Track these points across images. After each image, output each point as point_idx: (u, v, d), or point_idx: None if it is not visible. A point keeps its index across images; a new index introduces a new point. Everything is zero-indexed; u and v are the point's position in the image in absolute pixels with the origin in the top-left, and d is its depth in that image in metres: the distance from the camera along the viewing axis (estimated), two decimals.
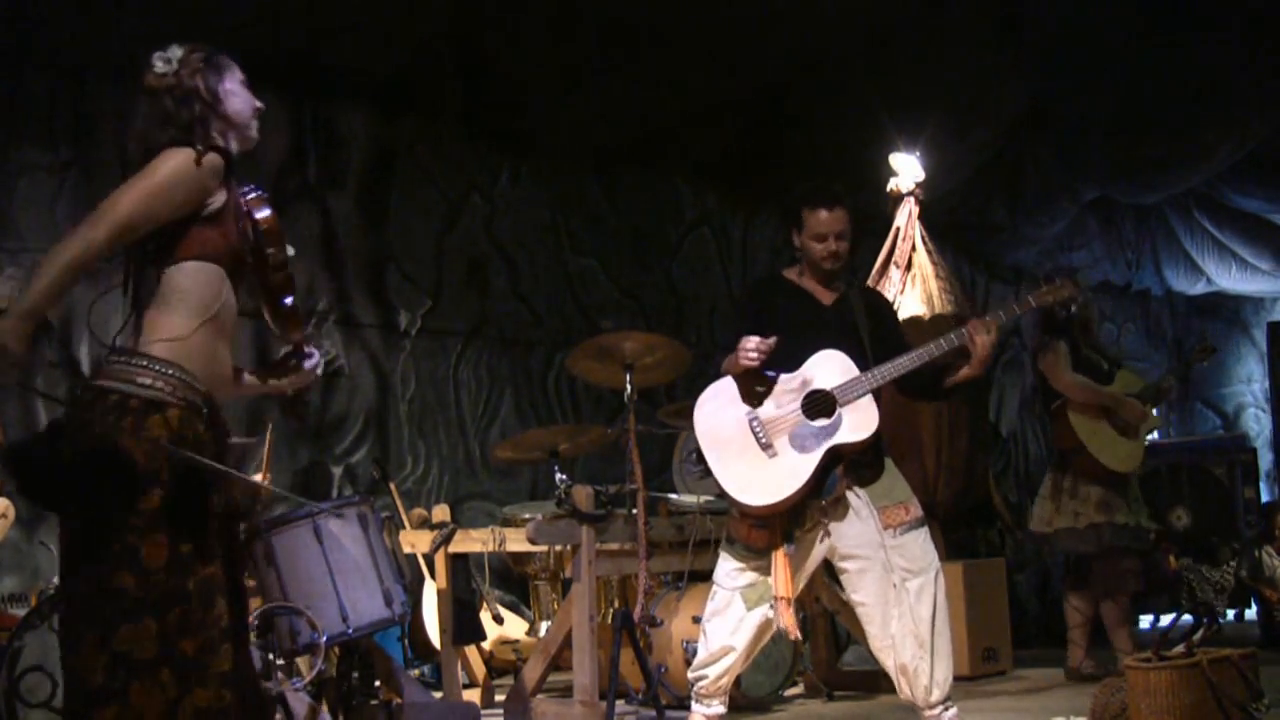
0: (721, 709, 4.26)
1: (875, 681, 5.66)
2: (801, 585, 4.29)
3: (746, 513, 4.06)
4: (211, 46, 2.83)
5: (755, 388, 4.07)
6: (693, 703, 4.28)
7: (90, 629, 2.50)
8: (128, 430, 2.54)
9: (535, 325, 7.95)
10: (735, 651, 4.15)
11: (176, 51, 2.77)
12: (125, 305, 2.75)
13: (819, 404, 4.04)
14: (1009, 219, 9.77)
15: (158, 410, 2.57)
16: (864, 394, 4.03)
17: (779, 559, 4.05)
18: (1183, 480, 8.16)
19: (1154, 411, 6.19)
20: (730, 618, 4.14)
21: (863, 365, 4.09)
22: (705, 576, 5.36)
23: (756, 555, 4.10)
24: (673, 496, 5.71)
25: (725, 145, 8.35)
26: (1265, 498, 10.04)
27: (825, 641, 6.04)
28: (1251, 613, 7.82)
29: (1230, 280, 11.79)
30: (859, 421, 4.02)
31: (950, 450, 6.58)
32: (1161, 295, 12.30)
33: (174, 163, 2.63)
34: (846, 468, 4.07)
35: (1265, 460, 12.09)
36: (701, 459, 4.10)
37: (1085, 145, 9.12)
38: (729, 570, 4.17)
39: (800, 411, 4.03)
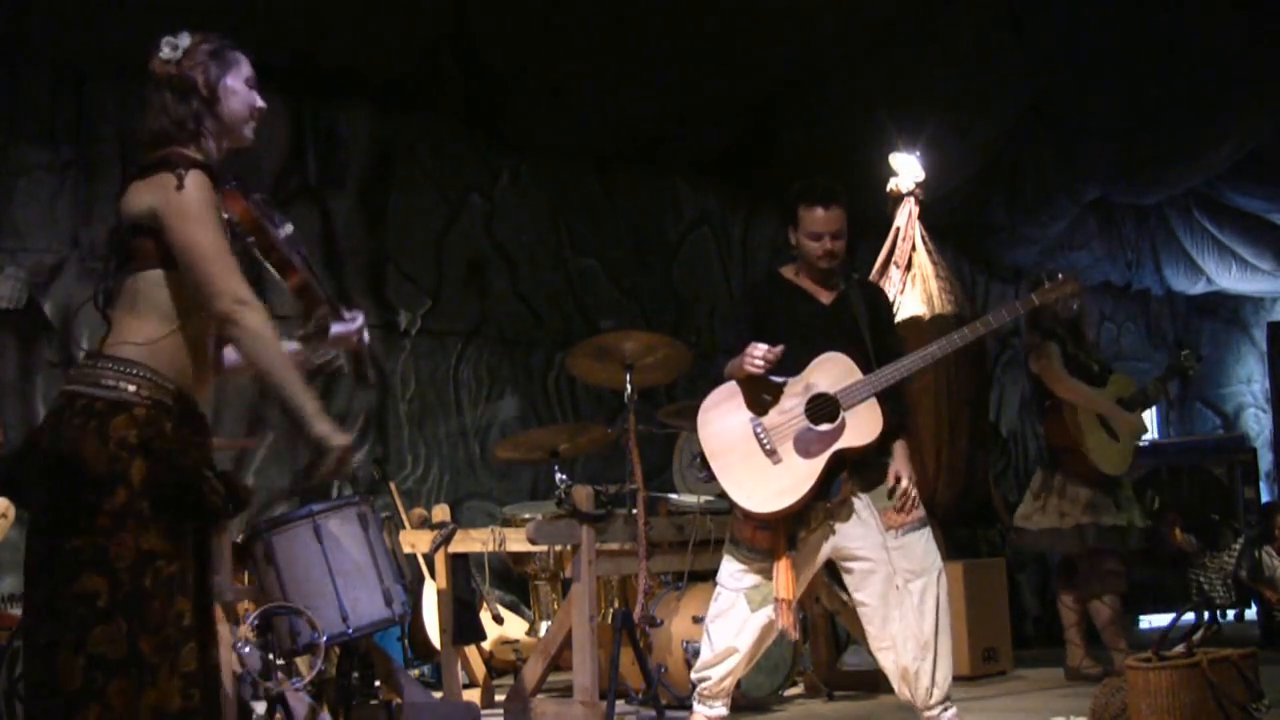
0: (724, 710, 4.26)
1: (875, 681, 5.65)
2: (804, 587, 4.29)
3: (750, 516, 4.06)
4: (224, 38, 2.81)
5: (762, 395, 4.06)
6: (695, 703, 4.28)
7: (65, 633, 2.50)
8: (93, 432, 2.55)
9: (535, 325, 7.94)
10: (739, 653, 4.15)
11: (185, 40, 2.75)
12: (99, 313, 2.74)
13: (822, 408, 4.02)
14: (1009, 219, 9.77)
15: (123, 410, 2.57)
16: (867, 397, 4.02)
17: (781, 562, 4.05)
18: (1183, 480, 8.16)
19: (1141, 418, 6.20)
20: (734, 619, 4.13)
21: (865, 365, 4.08)
22: (705, 576, 5.36)
23: (761, 556, 4.09)
24: (673, 496, 5.70)
25: (725, 145, 8.35)
26: (1265, 498, 10.05)
27: (825, 641, 6.03)
28: (1251, 613, 7.82)
29: (1230, 280, 11.79)
30: (863, 425, 4.01)
31: (950, 450, 6.58)
32: (1161, 295, 12.30)
33: (187, 198, 2.60)
34: (851, 471, 4.07)
35: (1265, 460, 12.08)
36: (706, 464, 4.10)
37: (1085, 145, 9.12)
38: (733, 572, 4.17)
39: (804, 416, 4.02)
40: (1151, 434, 11.23)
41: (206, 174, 2.66)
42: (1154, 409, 11.45)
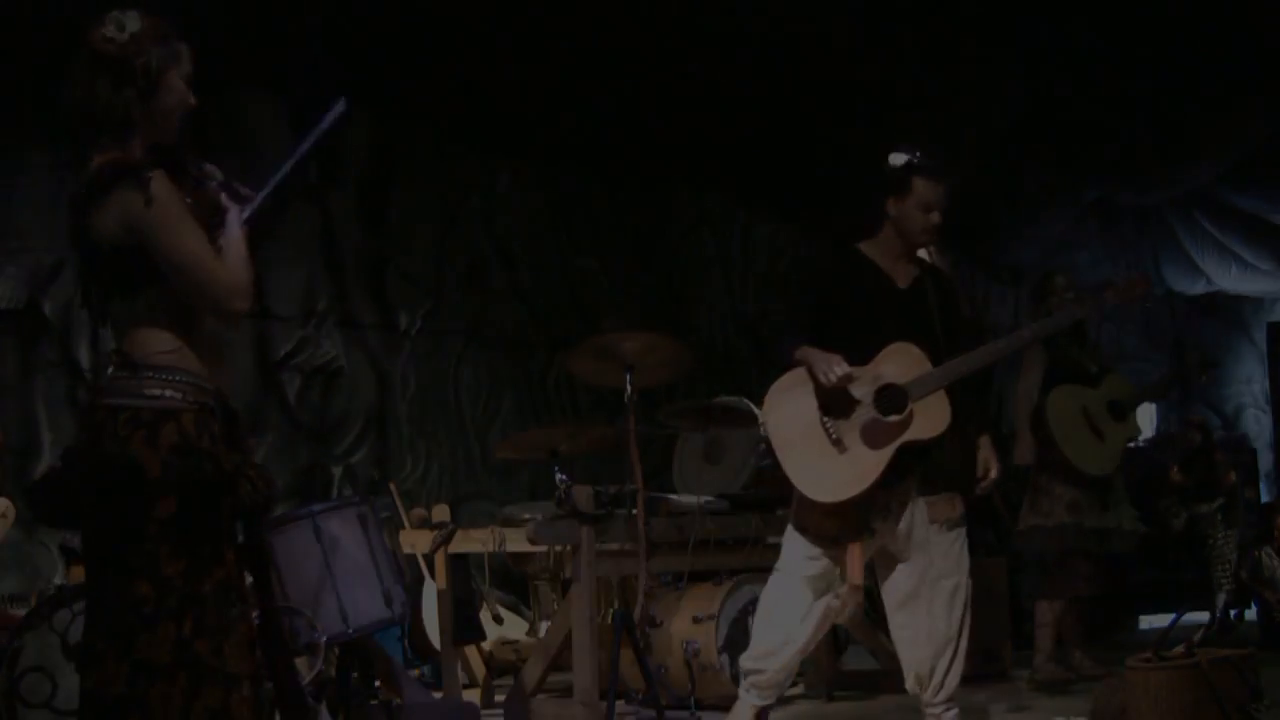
0: (772, 700, 4.20)
1: (875, 681, 5.66)
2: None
3: (815, 504, 4.03)
4: (172, 27, 2.67)
5: (834, 402, 3.99)
6: (743, 692, 4.19)
7: (111, 642, 2.51)
8: (143, 441, 2.54)
9: (535, 325, 7.94)
10: (798, 642, 4.09)
11: (135, 22, 2.61)
12: (101, 333, 2.74)
13: (891, 399, 3.97)
14: (1009, 219, 9.77)
15: (170, 418, 2.57)
16: (936, 389, 3.98)
17: (855, 547, 4.00)
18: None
19: (1135, 419, 6.19)
20: (797, 607, 4.07)
21: (934, 356, 4.03)
22: (705, 576, 5.37)
23: (827, 543, 4.05)
24: (673, 496, 5.70)
25: (726, 145, 8.35)
26: (1265, 498, 10.05)
27: (825, 641, 6.02)
28: (1251, 613, 7.82)
29: (1230, 280, 11.77)
30: (931, 417, 3.97)
31: None
32: (1161, 295, 12.29)
33: (159, 208, 2.55)
34: (913, 465, 4.01)
35: (1265, 460, 12.07)
36: (771, 451, 4.08)
37: (1085, 145, 9.12)
38: (800, 558, 4.09)
39: (872, 406, 3.97)
40: (1150, 434, 11.23)
41: (163, 169, 2.60)
42: (1154, 408, 11.46)
